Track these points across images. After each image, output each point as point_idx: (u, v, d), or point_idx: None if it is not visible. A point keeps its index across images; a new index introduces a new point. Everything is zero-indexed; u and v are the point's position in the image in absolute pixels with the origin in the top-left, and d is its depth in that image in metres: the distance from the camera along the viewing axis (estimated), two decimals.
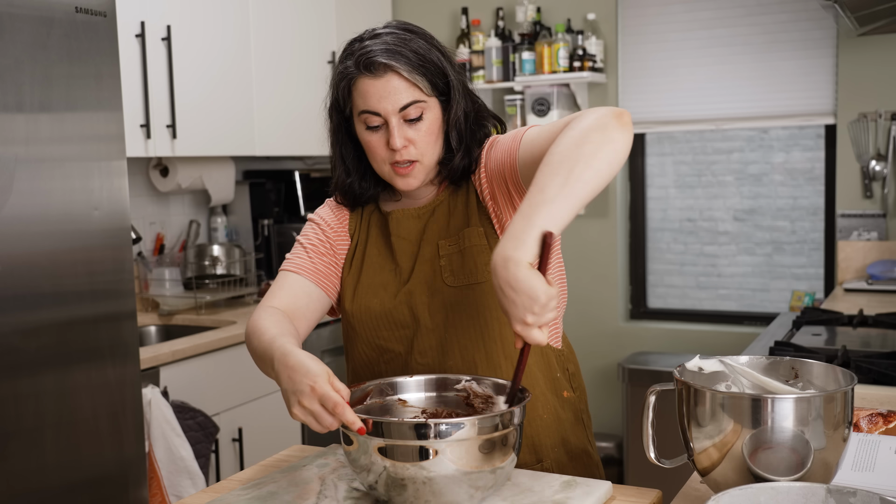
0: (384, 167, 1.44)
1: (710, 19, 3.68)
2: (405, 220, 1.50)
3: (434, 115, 1.43)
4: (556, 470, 1.48)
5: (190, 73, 3.06)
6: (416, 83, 1.39)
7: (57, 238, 2.07)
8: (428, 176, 1.47)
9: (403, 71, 1.38)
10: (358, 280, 1.51)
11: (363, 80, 1.40)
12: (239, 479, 1.39)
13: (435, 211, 1.50)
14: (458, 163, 1.46)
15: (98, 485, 2.17)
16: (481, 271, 1.43)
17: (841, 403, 1.10)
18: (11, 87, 1.96)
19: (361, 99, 1.40)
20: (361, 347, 1.52)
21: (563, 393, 1.52)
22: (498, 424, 1.14)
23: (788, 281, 3.78)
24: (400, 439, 1.11)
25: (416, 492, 1.13)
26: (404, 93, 1.39)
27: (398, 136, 1.39)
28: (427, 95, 1.41)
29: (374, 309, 1.48)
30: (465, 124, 1.46)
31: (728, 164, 3.86)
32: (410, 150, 1.41)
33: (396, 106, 1.39)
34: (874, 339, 2.45)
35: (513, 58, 3.83)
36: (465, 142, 1.46)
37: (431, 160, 1.45)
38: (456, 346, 1.45)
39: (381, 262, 1.51)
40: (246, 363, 2.96)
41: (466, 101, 1.46)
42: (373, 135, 1.42)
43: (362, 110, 1.41)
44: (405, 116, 1.40)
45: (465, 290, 1.43)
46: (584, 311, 3.91)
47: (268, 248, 3.73)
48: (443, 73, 1.43)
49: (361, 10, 3.90)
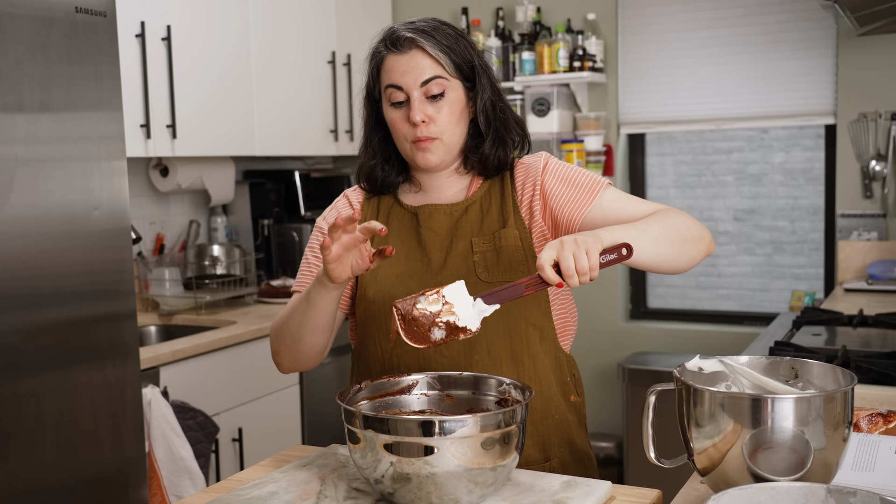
0: (405, 144, 1.48)
1: (710, 19, 3.68)
2: (436, 215, 1.52)
3: (456, 96, 1.47)
4: (560, 469, 1.51)
5: (190, 73, 3.06)
6: (440, 61, 1.45)
7: (57, 238, 2.07)
8: (449, 158, 1.50)
9: (427, 47, 1.44)
10: (379, 269, 1.51)
11: (390, 57, 1.46)
12: (239, 479, 1.39)
13: (467, 210, 1.52)
14: (490, 151, 1.50)
15: (98, 485, 2.17)
16: (515, 271, 1.46)
17: (841, 403, 1.10)
18: (11, 87, 1.96)
19: (387, 74, 1.47)
20: (378, 338, 1.52)
21: (571, 397, 1.56)
22: (500, 422, 1.16)
23: (788, 281, 3.79)
24: (406, 436, 1.13)
25: (419, 484, 1.14)
26: (428, 69, 1.44)
27: (418, 109, 1.44)
28: (450, 75, 1.46)
29: (400, 296, 1.48)
30: (493, 112, 1.50)
31: (728, 164, 3.86)
32: (431, 128, 1.46)
33: (418, 80, 1.44)
34: (874, 339, 2.45)
35: (513, 58, 3.83)
36: (497, 129, 1.50)
37: (452, 140, 1.48)
38: (483, 341, 1.46)
39: (407, 253, 1.52)
40: (246, 363, 2.97)
41: (493, 92, 1.51)
42: (396, 111, 1.47)
43: (387, 85, 1.46)
44: (427, 92, 1.45)
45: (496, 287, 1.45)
46: (584, 311, 3.91)
47: (268, 248, 3.73)
48: (468, 59, 1.48)
49: (361, 10, 3.90)
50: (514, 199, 1.50)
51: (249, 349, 2.97)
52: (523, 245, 1.47)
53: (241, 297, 3.44)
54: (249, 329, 2.97)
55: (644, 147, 3.96)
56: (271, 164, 3.97)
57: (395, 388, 1.35)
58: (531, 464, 1.49)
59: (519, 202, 1.50)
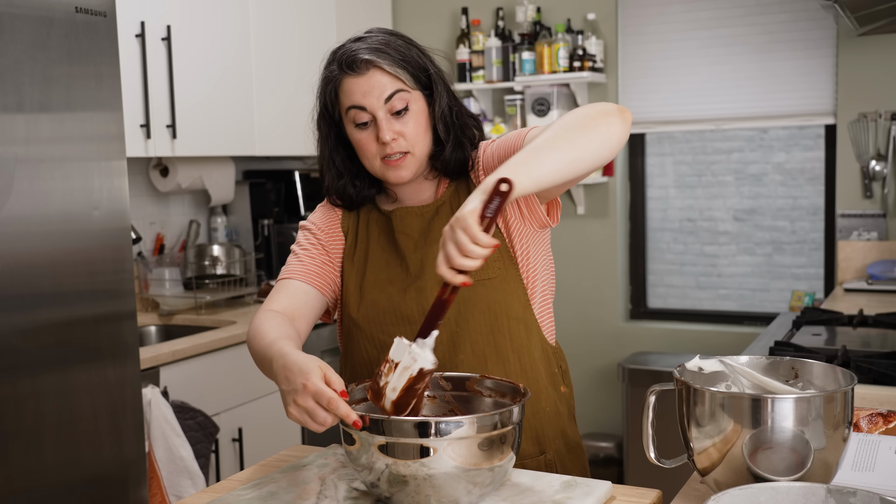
0: (375, 162, 1.47)
1: (710, 19, 3.68)
2: (408, 218, 1.53)
3: (419, 107, 1.47)
4: (556, 461, 1.52)
5: (190, 73, 3.06)
6: (399, 76, 1.44)
7: (57, 238, 2.07)
8: (419, 169, 1.50)
9: (385, 65, 1.43)
10: (363, 277, 1.53)
11: (347, 80, 1.45)
12: (239, 479, 1.39)
13: (438, 211, 1.52)
14: (450, 155, 1.50)
15: (98, 485, 2.17)
16: (491, 267, 1.46)
17: (841, 403, 1.10)
18: (11, 87, 1.96)
19: (347, 97, 1.45)
20: (364, 344, 1.53)
21: (560, 388, 1.57)
22: (497, 423, 1.15)
23: (788, 281, 3.78)
24: (401, 437, 1.13)
25: (416, 487, 1.14)
26: (388, 85, 1.43)
27: (386, 129, 1.43)
28: (410, 87, 1.45)
29: (382, 304, 1.50)
30: (450, 117, 1.50)
31: (728, 164, 3.86)
32: (400, 142, 1.45)
33: (381, 99, 1.43)
34: (874, 339, 2.45)
35: (513, 58, 3.83)
36: (455, 134, 1.50)
37: (422, 151, 1.48)
38: (467, 340, 1.47)
39: (387, 259, 1.53)
40: (246, 363, 2.96)
41: (449, 96, 1.51)
42: (362, 132, 1.46)
43: (349, 106, 1.45)
44: (391, 109, 1.44)
45: (475, 286, 1.46)
46: (584, 311, 3.91)
47: (268, 248, 3.73)
48: (423, 68, 1.47)
49: (361, 10, 3.90)
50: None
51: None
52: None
53: (241, 297, 3.44)
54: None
55: (644, 147, 3.96)
56: (271, 164, 3.97)
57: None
58: (527, 458, 1.49)
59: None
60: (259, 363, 1.38)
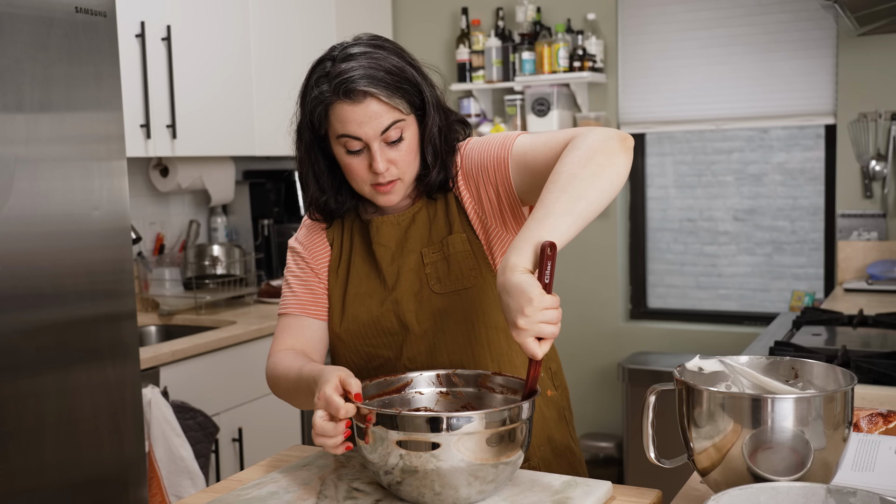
0: (364, 187, 1.45)
1: (710, 19, 3.68)
2: (384, 228, 1.51)
3: (412, 133, 1.43)
4: (542, 468, 1.50)
5: (190, 73, 3.06)
6: (396, 105, 1.38)
7: (57, 238, 2.07)
8: (407, 191, 1.48)
9: (383, 96, 1.37)
10: (345, 290, 1.53)
11: (341, 106, 1.38)
12: (239, 479, 1.39)
13: (415, 219, 1.50)
14: (435, 178, 1.47)
15: (98, 485, 2.17)
16: (467, 277, 1.45)
17: (841, 403, 1.10)
18: (11, 87, 1.96)
19: (340, 124, 1.39)
20: (348, 355, 1.54)
21: (547, 392, 1.55)
22: (506, 419, 1.17)
23: (788, 281, 3.78)
24: (413, 431, 1.15)
25: (424, 475, 1.17)
26: (385, 116, 1.38)
27: (381, 160, 1.39)
28: (406, 114, 1.41)
29: (362, 318, 1.50)
30: (439, 139, 1.46)
31: (728, 164, 3.86)
32: (392, 171, 1.42)
33: (378, 130, 1.38)
34: (874, 339, 2.45)
35: (513, 58, 3.83)
36: (441, 157, 1.47)
37: (412, 177, 1.46)
38: (444, 350, 1.47)
39: (367, 271, 1.52)
40: (246, 363, 2.97)
41: (440, 115, 1.46)
42: (353, 158, 1.42)
43: (342, 134, 1.40)
44: (386, 139, 1.40)
45: (452, 297, 1.46)
46: (584, 311, 3.91)
47: (268, 248, 3.73)
48: (418, 89, 1.43)
49: (361, 10, 3.90)
50: (459, 201, 1.49)
51: (249, 349, 2.97)
52: (472, 248, 1.46)
53: (241, 297, 3.44)
54: (249, 329, 2.97)
55: (644, 147, 3.96)
56: (271, 164, 3.97)
57: (394, 385, 1.37)
58: None
59: (461, 201, 1.48)
60: (293, 398, 1.43)
